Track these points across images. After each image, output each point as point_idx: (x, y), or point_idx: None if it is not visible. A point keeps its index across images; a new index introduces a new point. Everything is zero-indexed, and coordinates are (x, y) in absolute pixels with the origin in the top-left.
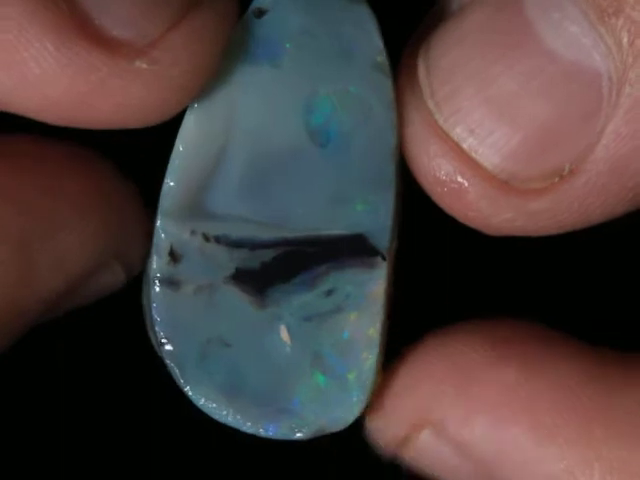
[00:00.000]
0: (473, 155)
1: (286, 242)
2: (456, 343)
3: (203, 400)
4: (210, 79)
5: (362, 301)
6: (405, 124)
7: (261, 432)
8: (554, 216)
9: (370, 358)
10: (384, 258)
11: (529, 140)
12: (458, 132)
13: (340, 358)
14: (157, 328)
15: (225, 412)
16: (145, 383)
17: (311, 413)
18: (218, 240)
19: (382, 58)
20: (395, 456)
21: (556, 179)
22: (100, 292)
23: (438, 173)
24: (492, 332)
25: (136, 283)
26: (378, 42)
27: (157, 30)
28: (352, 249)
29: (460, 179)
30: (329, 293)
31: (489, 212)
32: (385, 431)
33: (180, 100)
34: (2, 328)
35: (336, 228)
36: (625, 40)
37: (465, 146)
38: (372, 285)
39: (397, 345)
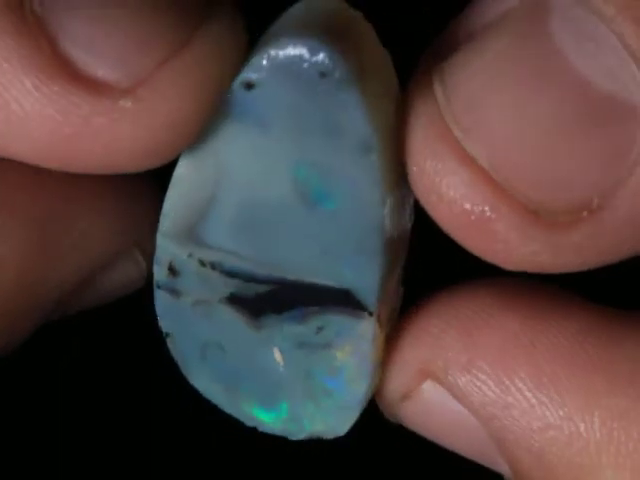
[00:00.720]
0: (503, 184)
1: (278, 281)
2: (459, 296)
3: (204, 390)
4: (204, 122)
5: (353, 341)
6: (426, 154)
7: (258, 426)
8: (580, 251)
9: (362, 385)
10: (371, 314)
11: (559, 170)
12: (488, 163)
13: (333, 381)
14: (161, 322)
15: (227, 402)
16: (153, 379)
17: (303, 417)
18: (213, 267)
19: (371, 143)
20: (398, 417)
21: (584, 213)
22: (122, 284)
23: (466, 203)
24: (497, 286)
25: None
26: (366, 128)
27: (143, 70)
28: (339, 300)
29: (489, 209)
30: (319, 330)
31: (516, 244)
32: (388, 388)
33: (172, 140)
34: (21, 312)
35: (325, 279)
36: None
37: (495, 176)
38: (361, 331)
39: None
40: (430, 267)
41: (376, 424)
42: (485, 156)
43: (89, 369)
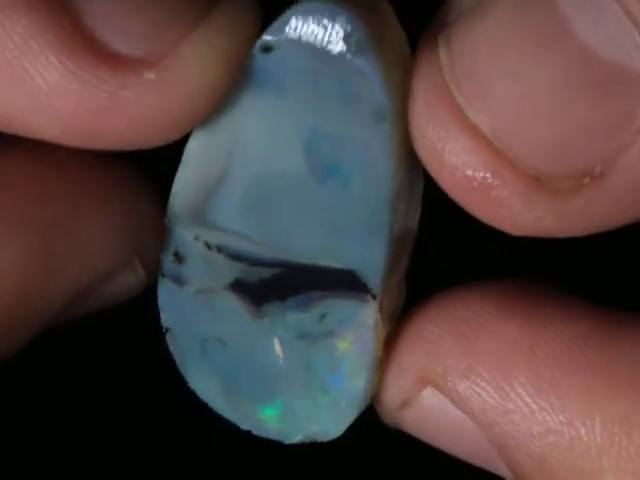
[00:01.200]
0: (506, 151)
1: (283, 264)
2: (457, 299)
3: (202, 391)
4: (225, 91)
5: (355, 329)
6: (430, 121)
7: (253, 430)
8: (582, 217)
9: (361, 379)
10: (374, 297)
11: (562, 137)
12: (490, 130)
13: (332, 376)
14: (162, 315)
15: (222, 406)
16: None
17: (301, 419)
18: (219, 249)
19: (385, 111)
20: (398, 423)
21: (587, 180)
22: (121, 293)
23: (468, 170)
24: (494, 289)
25: None
26: (381, 96)
27: (166, 44)
28: (344, 283)
29: (491, 175)
30: (322, 318)
31: (520, 210)
32: (387, 394)
33: (195, 109)
34: (20, 321)
35: (331, 261)
36: None
37: (498, 143)
38: (364, 317)
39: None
40: (428, 270)
41: (373, 428)
42: (487, 123)
43: (89, 372)
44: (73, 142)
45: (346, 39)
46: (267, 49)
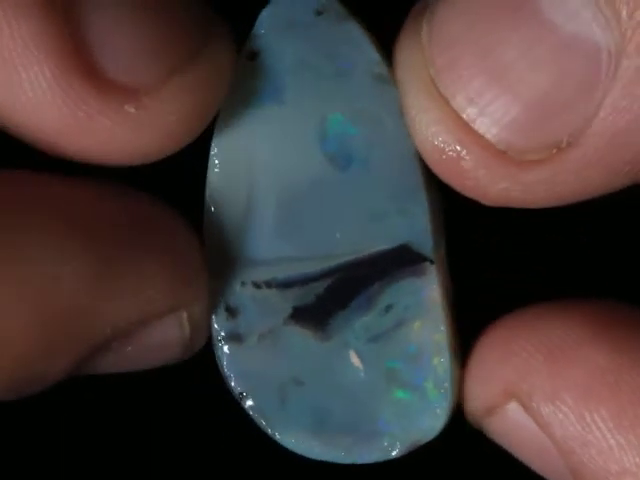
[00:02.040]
0: (472, 124)
1: (333, 270)
2: (552, 318)
3: (294, 443)
4: (203, 128)
5: (422, 309)
6: (406, 91)
7: (357, 460)
8: (551, 188)
9: (442, 362)
10: (432, 262)
11: (528, 111)
12: (458, 101)
13: (413, 369)
14: (233, 384)
15: (317, 449)
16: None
17: (400, 430)
18: (269, 285)
19: (381, 68)
20: (482, 426)
21: (554, 151)
22: (161, 347)
23: (436, 141)
24: (590, 311)
25: None
26: (373, 55)
27: (152, 80)
28: (398, 261)
29: (458, 147)
30: (388, 309)
31: (486, 181)
32: (474, 398)
33: (165, 148)
34: (61, 342)
35: (377, 245)
36: (624, 13)
37: (464, 115)
38: (427, 291)
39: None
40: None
41: None
42: (455, 96)
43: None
44: (48, 149)
45: (325, 12)
46: (253, 55)
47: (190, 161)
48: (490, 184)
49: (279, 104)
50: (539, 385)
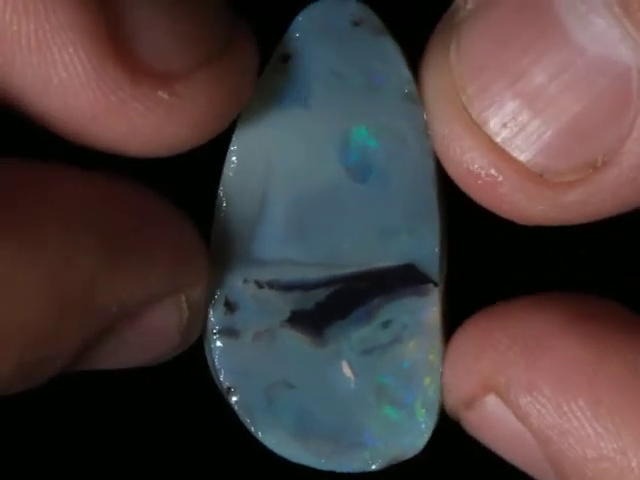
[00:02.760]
0: (507, 149)
1: (337, 280)
2: (527, 310)
3: (275, 443)
4: (229, 123)
5: (419, 329)
6: (437, 119)
7: (336, 468)
8: (586, 207)
9: (433, 383)
10: (436, 285)
11: (561, 133)
12: (491, 126)
13: (404, 387)
14: (222, 378)
15: (297, 452)
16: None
17: (383, 444)
18: (271, 285)
19: (411, 87)
20: (460, 419)
21: (589, 171)
22: (159, 333)
23: (472, 167)
24: (565, 303)
25: None
26: (405, 73)
27: (186, 67)
28: (403, 279)
29: (494, 172)
30: (386, 325)
31: (523, 204)
32: (452, 391)
33: (192, 137)
34: (76, 319)
35: (385, 260)
36: None
37: (498, 140)
38: (427, 312)
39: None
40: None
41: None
42: (489, 122)
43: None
44: (71, 134)
45: (361, 24)
46: (285, 58)
47: (207, 155)
48: (527, 207)
49: (304, 109)
50: (516, 377)
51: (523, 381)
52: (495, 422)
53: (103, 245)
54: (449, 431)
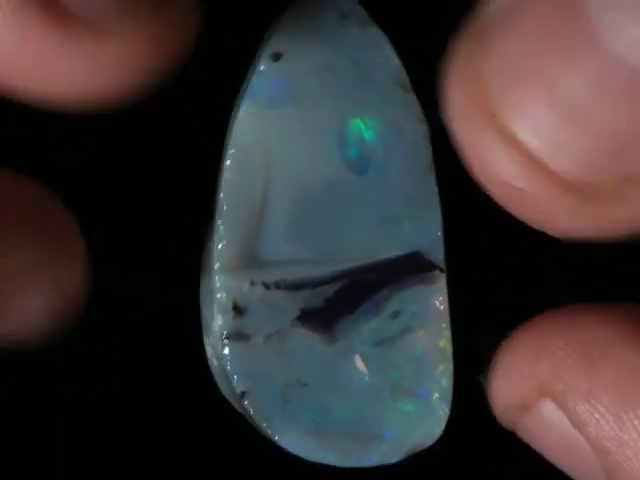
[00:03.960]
0: (544, 161)
1: (344, 274)
2: (587, 318)
3: (292, 444)
4: (157, 81)
5: (428, 317)
6: (465, 128)
7: (356, 464)
8: (625, 222)
9: (446, 370)
10: (442, 271)
11: (598, 144)
12: (524, 136)
13: (417, 377)
14: (235, 384)
15: (316, 451)
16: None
17: (400, 435)
18: (278, 286)
19: (402, 75)
20: (513, 424)
21: (627, 184)
22: (28, 318)
23: (504, 177)
24: (626, 313)
25: None
26: (395, 61)
27: (109, 13)
28: (409, 268)
29: (530, 186)
30: (395, 315)
31: (556, 216)
32: (506, 394)
33: (123, 87)
34: None
35: (390, 250)
36: None
37: (535, 152)
38: (435, 299)
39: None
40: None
41: None
42: (522, 132)
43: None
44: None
45: (349, 16)
46: (277, 56)
47: (204, 157)
48: (564, 221)
49: (299, 106)
50: (575, 384)
51: (582, 389)
52: (550, 428)
53: None
54: (462, 419)
